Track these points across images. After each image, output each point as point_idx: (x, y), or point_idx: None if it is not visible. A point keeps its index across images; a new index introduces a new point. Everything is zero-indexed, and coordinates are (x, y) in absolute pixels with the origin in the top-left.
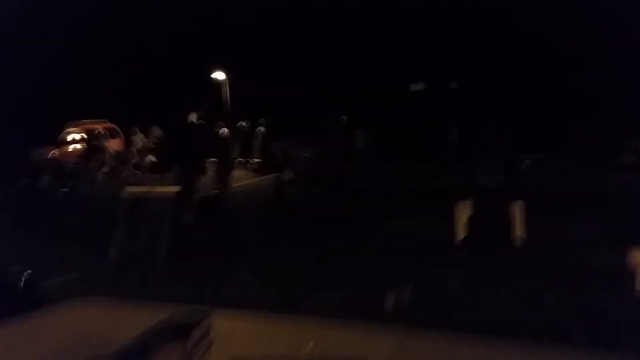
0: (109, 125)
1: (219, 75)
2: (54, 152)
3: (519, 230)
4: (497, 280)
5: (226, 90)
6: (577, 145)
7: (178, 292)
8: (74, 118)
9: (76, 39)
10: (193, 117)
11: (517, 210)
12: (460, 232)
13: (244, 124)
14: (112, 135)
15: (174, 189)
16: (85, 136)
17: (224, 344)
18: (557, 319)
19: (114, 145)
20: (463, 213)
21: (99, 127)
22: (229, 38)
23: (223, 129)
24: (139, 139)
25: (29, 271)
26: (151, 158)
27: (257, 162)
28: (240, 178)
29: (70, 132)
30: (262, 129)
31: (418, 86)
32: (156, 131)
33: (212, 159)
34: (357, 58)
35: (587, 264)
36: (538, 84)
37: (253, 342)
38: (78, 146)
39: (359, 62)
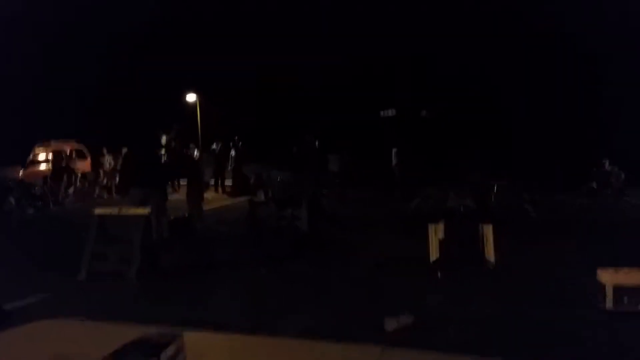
0: (77, 146)
1: (191, 97)
2: (21, 173)
3: (489, 253)
4: (469, 300)
5: (198, 113)
6: (544, 172)
7: (148, 313)
8: (43, 138)
9: (48, 60)
10: (163, 139)
11: (488, 233)
12: (433, 254)
13: (216, 146)
14: (80, 156)
15: (144, 210)
16: (52, 157)
17: None
18: (528, 338)
19: (82, 166)
20: (435, 235)
21: (67, 147)
22: (204, 60)
23: (195, 150)
24: (107, 160)
25: None
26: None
27: (229, 184)
28: (212, 200)
29: (37, 153)
30: (234, 151)
31: (389, 112)
32: (124, 154)
33: (183, 181)
34: (330, 83)
35: (555, 285)
36: (506, 112)
37: None
38: (45, 167)
39: (332, 87)
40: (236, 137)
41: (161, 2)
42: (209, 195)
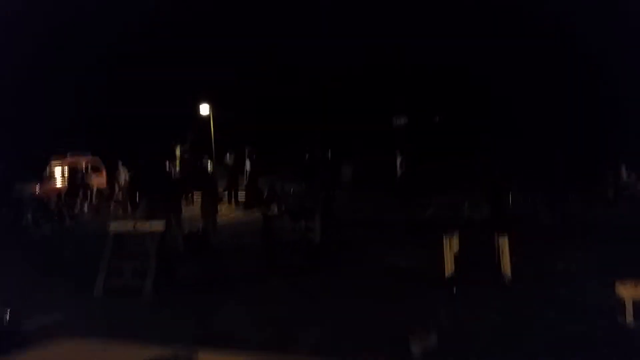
0: (93, 159)
1: (205, 109)
2: (37, 189)
3: (505, 265)
4: (486, 315)
5: (211, 125)
6: (559, 179)
7: (164, 328)
8: (58, 152)
9: (63, 74)
10: (177, 151)
11: (504, 245)
12: (448, 268)
13: (230, 158)
14: (96, 170)
15: (159, 224)
16: (68, 172)
17: None
18: (546, 353)
19: (98, 180)
20: (450, 248)
21: (82, 161)
22: (217, 71)
23: (208, 162)
24: (123, 174)
25: (8, 310)
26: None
27: (243, 195)
28: (226, 212)
29: (53, 168)
30: (248, 162)
31: (401, 120)
32: (137, 166)
33: (197, 193)
34: (341, 91)
35: (573, 299)
36: (520, 118)
37: None
38: (61, 183)
39: (342, 95)
40: (250, 149)
41: (173, 11)
42: (222, 207)
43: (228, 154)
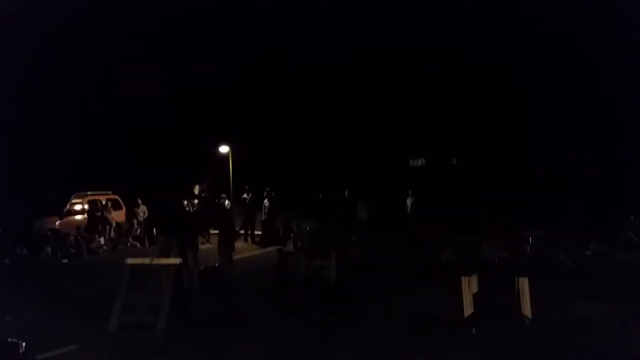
0: (112, 196)
1: (224, 148)
2: (56, 222)
3: (525, 307)
4: (505, 358)
5: (230, 163)
6: (577, 223)
7: None
8: (79, 189)
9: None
10: (196, 189)
11: (524, 286)
12: (468, 309)
13: (247, 195)
14: (116, 206)
15: (174, 261)
16: (88, 207)
17: None
18: None
19: (117, 216)
20: (469, 289)
21: (101, 198)
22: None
23: (226, 200)
24: (141, 211)
25: (23, 344)
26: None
27: (259, 234)
28: (242, 250)
29: (74, 204)
30: (267, 201)
31: (418, 162)
32: (152, 202)
33: (215, 231)
34: (359, 132)
35: (595, 343)
36: (536, 162)
37: None
38: (80, 217)
39: (361, 136)
40: (269, 188)
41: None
42: (238, 244)
43: (246, 193)
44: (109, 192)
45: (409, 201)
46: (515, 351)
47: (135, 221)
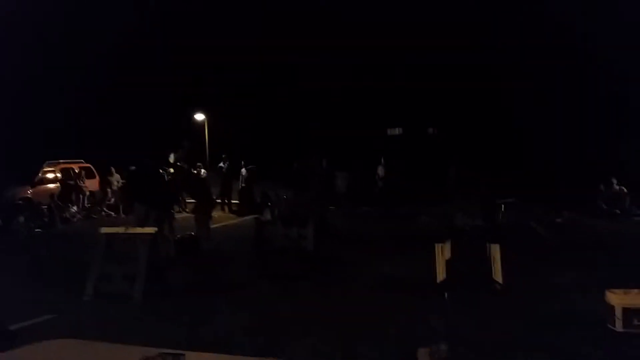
0: (85, 165)
1: (200, 116)
2: (28, 191)
3: (496, 273)
4: (476, 322)
5: (206, 132)
6: (551, 191)
7: (152, 333)
8: (51, 158)
9: (56, 80)
10: (171, 158)
11: (495, 253)
12: (440, 274)
13: (224, 164)
14: (88, 175)
15: (150, 230)
16: (60, 176)
17: None
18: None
19: (90, 185)
20: (442, 255)
21: (74, 167)
22: (211, 78)
23: (202, 169)
24: (114, 179)
25: None
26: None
27: (236, 203)
28: (219, 219)
29: (45, 172)
30: (243, 170)
31: (395, 131)
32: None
33: (191, 200)
34: (338, 101)
35: (565, 307)
36: (513, 131)
37: None
38: (52, 186)
39: (339, 106)
40: (245, 157)
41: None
42: (215, 213)
43: (222, 161)
44: (82, 161)
45: (379, 170)
46: (486, 315)
47: (109, 190)
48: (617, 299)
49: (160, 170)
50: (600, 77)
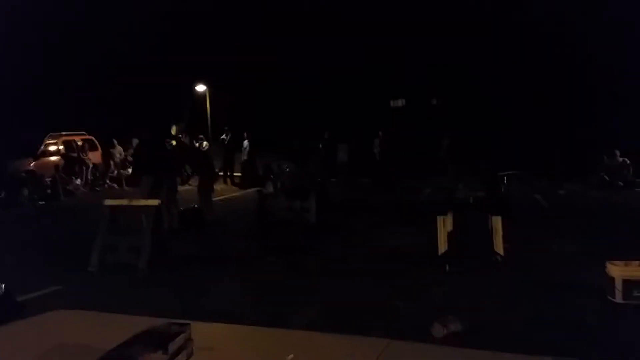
0: (87, 137)
1: (201, 87)
2: (32, 164)
3: (498, 245)
4: (478, 293)
5: (208, 103)
6: (552, 163)
7: (158, 304)
8: (53, 130)
9: (57, 52)
10: (173, 130)
11: (497, 225)
12: (442, 246)
13: (226, 137)
14: (91, 147)
15: (154, 201)
16: (62, 148)
17: (203, 357)
18: (536, 331)
19: (93, 157)
20: (444, 228)
21: (77, 139)
22: (212, 51)
23: (204, 142)
24: (117, 152)
25: (2, 285)
26: (129, 170)
27: (239, 175)
28: (222, 191)
29: (48, 144)
30: (246, 142)
31: (398, 102)
32: (136, 143)
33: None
34: (340, 72)
35: (565, 278)
36: (516, 102)
37: (233, 356)
38: (55, 158)
39: (342, 76)
40: (247, 129)
41: None
42: (218, 186)
43: (224, 133)
44: (84, 133)
45: (375, 143)
46: (487, 287)
47: (111, 162)
48: (617, 270)
49: (164, 142)
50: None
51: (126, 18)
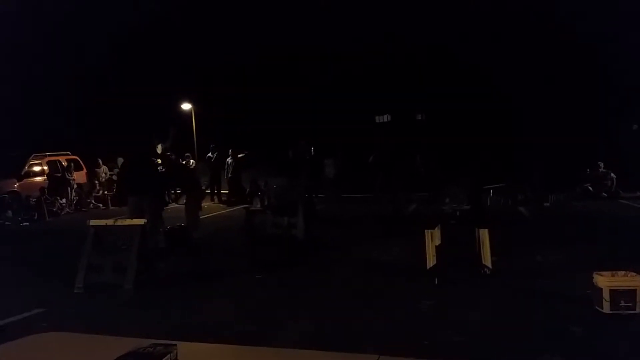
0: (72, 157)
1: (186, 106)
2: (15, 185)
3: (485, 257)
4: (467, 305)
5: (193, 121)
6: (538, 174)
7: (144, 323)
8: (36, 150)
9: (40, 70)
10: (159, 149)
11: (484, 238)
12: (430, 260)
13: (212, 154)
14: (76, 167)
15: (139, 221)
16: (47, 168)
17: None
18: (526, 342)
19: (77, 177)
20: (432, 241)
21: (61, 159)
22: (198, 69)
23: (190, 160)
24: (102, 171)
25: None
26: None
27: (226, 192)
28: (209, 209)
29: (32, 165)
30: (230, 159)
31: (384, 118)
32: (121, 163)
33: (180, 191)
34: (325, 89)
35: (553, 289)
36: (500, 116)
37: None
38: (40, 179)
39: (327, 93)
40: (234, 146)
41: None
42: (205, 204)
43: (211, 151)
44: (69, 153)
45: (371, 159)
46: (476, 299)
47: (96, 182)
48: (604, 281)
49: (149, 161)
50: (589, 60)
51: (111, 35)
